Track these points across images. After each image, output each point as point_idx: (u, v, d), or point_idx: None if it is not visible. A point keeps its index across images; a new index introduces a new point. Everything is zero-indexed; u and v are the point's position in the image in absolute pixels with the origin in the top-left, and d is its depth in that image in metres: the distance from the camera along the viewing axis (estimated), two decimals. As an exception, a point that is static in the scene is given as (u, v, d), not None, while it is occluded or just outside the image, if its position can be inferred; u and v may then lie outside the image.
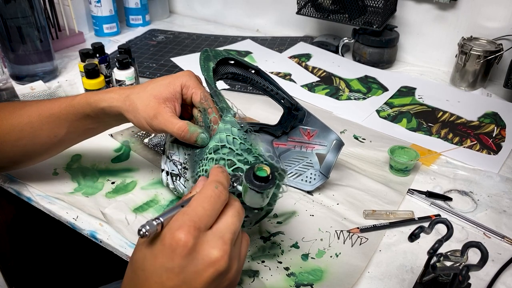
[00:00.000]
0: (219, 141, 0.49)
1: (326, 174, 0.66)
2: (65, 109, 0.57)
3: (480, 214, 0.64)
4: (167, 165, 0.59)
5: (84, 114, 0.57)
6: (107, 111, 0.55)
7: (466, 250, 0.45)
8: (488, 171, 0.72)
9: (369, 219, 0.62)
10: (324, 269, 0.54)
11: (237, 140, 0.48)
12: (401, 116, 0.88)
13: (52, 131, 0.58)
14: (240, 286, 0.51)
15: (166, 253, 0.35)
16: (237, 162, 0.47)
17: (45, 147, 0.60)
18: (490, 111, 0.90)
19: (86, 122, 0.58)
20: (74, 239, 0.77)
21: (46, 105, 0.58)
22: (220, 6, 1.37)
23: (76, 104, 0.57)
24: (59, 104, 0.57)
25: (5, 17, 0.88)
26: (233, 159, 0.48)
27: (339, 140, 0.66)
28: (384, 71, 1.06)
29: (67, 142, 0.61)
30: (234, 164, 0.47)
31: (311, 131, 0.68)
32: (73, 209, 0.62)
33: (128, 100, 0.54)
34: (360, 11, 1.03)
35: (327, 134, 0.67)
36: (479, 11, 0.99)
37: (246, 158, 0.47)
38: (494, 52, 0.94)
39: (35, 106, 0.58)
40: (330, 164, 0.66)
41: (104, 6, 1.21)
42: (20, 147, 0.59)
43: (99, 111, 0.56)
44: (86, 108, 0.56)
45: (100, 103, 0.55)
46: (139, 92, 0.54)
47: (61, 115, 0.57)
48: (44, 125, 0.57)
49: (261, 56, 1.12)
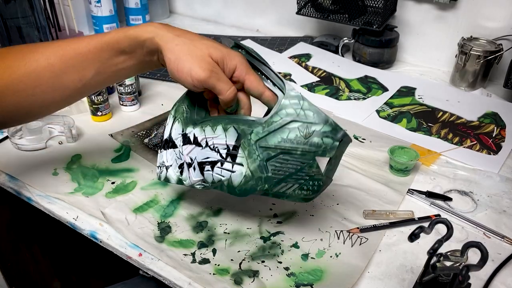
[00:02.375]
0: (286, 115, 0.49)
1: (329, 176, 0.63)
2: (95, 47, 0.51)
3: (480, 214, 0.64)
4: (192, 155, 0.54)
5: (119, 50, 0.51)
6: (148, 44, 0.50)
7: (466, 250, 0.45)
8: (488, 171, 0.72)
9: (369, 219, 0.62)
10: (324, 269, 0.54)
11: (310, 112, 0.48)
12: (401, 116, 0.88)
13: (78, 74, 0.52)
14: (240, 286, 0.51)
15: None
16: (314, 134, 0.48)
17: (66, 94, 0.53)
18: (490, 111, 0.90)
19: (119, 60, 0.52)
20: (74, 239, 0.77)
21: (69, 45, 0.51)
22: (220, 6, 1.37)
23: (110, 40, 0.51)
24: (87, 42, 0.51)
25: (5, 17, 0.88)
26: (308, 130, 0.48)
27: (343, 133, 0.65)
28: (384, 71, 1.06)
29: (90, 87, 0.55)
30: (309, 135, 0.48)
31: None
32: (73, 209, 0.62)
33: (177, 40, 0.49)
34: (360, 11, 1.03)
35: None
36: (479, 11, 0.99)
37: (322, 129, 0.48)
38: (494, 52, 0.94)
39: (54, 46, 0.52)
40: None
41: (104, 6, 1.21)
42: (37, 96, 0.52)
43: (137, 45, 0.51)
44: (122, 42, 0.51)
45: (142, 35, 0.50)
46: (193, 39, 0.50)
47: (90, 54, 0.51)
48: (69, 67, 0.51)
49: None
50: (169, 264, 0.54)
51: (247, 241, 0.58)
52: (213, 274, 0.53)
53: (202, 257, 0.55)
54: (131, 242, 0.57)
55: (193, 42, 0.50)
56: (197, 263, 0.55)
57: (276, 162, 0.49)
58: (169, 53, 0.49)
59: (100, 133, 0.79)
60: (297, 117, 0.49)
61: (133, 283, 0.77)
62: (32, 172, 0.68)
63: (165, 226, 0.60)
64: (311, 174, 0.50)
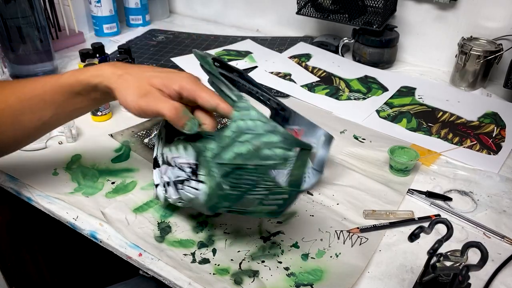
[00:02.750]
0: (236, 129, 0.47)
1: (320, 170, 0.64)
2: (50, 89, 0.53)
3: (480, 214, 0.64)
4: (168, 174, 0.54)
5: (74, 93, 0.53)
6: (99, 87, 0.52)
7: (466, 250, 0.45)
8: (488, 171, 0.72)
9: (369, 219, 0.62)
10: (324, 269, 0.54)
11: (259, 122, 0.46)
12: (401, 116, 0.88)
13: (36, 114, 0.53)
14: (240, 286, 0.51)
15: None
16: (263, 145, 0.45)
17: (27, 132, 0.56)
18: (490, 111, 0.90)
19: (75, 102, 0.54)
20: (74, 239, 0.77)
21: (26, 86, 0.53)
22: (220, 6, 1.37)
23: (63, 83, 0.53)
24: (43, 84, 0.53)
25: (5, 17, 0.88)
26: (257, 142, 0.45)
27: (327, 134, 0.64)
28: (384, 71, 1.06)
29: (52, 125, 0.57)
30: (259, 148, 0.45)
31: (298, 130, 0.66)
32: (73, 209, 0.62)
33: (122, 79, 0.51)
34: (360, 11, 1.03)
35: (314, 131, 0.65)
36: (479, 11, 0.99)
37: (270, 140, 0.45)
38: (494, 52, 0.94)
39: (12, 87, 0.54)
40: (323, 159, 0.64)
41: (104, 6, 1.21)
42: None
43: (90, 88, 0.53)
44: (76, 86, 0.53)
45: (93, 80, 0.52)
46: (135, 74, 0.52)
47: (46, 96, 0.53)
48: (26, 108, 0.53)
49: (261, 56, 1.12)
50: (169, 264, 0.54)
51: (247, 241, 0.58)
52: (213, 274, 0.53)
53: (202, 257, 0.55)
54: (131, 242, 0.57)
55: (135, 76, 0.52)
56: (197, 263, 0.55)
57: (232, 179, 0.47)
58: (117, 92, 0.51)
59: (100, 133, 0.79)
60: (247, 129, 0.46)
61: (133, 283, 0.77)
62: (32, 172, 0.68)
63: (165, 226, 0.60)
64: (269, 188, 0.47)
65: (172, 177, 0.53)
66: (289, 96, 0.95)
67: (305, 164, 0.49)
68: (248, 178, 0.47)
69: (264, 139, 0.45)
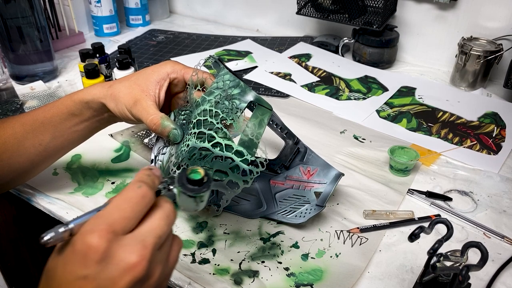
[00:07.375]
0: (209, 93, 0.52)
1: (322, 205, 0.60)
2: (48, 113, 0.56)
3: (480, 214, 0.64)
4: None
5: (69, 113, 0.56)
6: (91, 104, 0.55)
7: (466, 250, 0.45)
8: (488, 171, 0.72)
9: (369, 219, 0.62)
10: (324, 269, 0.54)
11: (228, 82, 0.51)
12: (401, 116, 0.88)
13: (37, 138, 0.57)
14: (240, 286, 0.51)
15: (77, 259, 0.31)
16: (227, 105, 0.51)
17: (31, 159, 0.58)
18: (490, 111, 0.90)
19: (72, 123, 0.57)
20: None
21: (29, 114, 0.57)
22: (220, 6, 1.37)
23: (59, 105, 0.56)
24: (42, 110, 0.57)
25: (5, 17, 0.88)
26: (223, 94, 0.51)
27: (338, 173, 0.62)
28: (384, 71, 1.06)
29: (52, 151, 0.59)
30: (223, 111, 0.51)
31: (312, 169, 0.64)
32: (73, 209, 0.62)
33: (111, 89, 0.54)
34: (360, 11, 1.03)
35: (327, 171, 0.63)
36: (479, 11, 0.99)
37: (233, 92, 0.51)
38: (494, 52, 0.94)
39: (18, 117, 0.58)
40: (327, 195, 0.61)
41: (104, 6, 1.21)
42: (4, 161, 0.56)
43: (83, 106, 0.56)
44: (70, 106, 0.56)
45: (84, 97, 0.55)
46: (122, 82, 0.55)
47: (45, 120, 0.56)
48: (28, 133, 0.56)
49: (261, 56, 1.12)
50: (169, 264, 0.54)
51: (247, 242, 0.58)
52: (213, 274, 0.53)
53: (202, 257, 0.55)
54: (131, 242, 0.57)
55: (122, 84, 0.55)
56: (197, 263, 0.55)
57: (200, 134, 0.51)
58: (110, 103, 0.55)
59: (100, 133, 0.79)
60: (216, 88, 0.52)
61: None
62: (32, 172, 0.68)
63: (165, 226, 0.60)
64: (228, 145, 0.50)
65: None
66: (289, 96, 0.95)
67: (262, 124, 0.52)
68: (209, 129, 0.51)
69: (229, 91, 0.51)
